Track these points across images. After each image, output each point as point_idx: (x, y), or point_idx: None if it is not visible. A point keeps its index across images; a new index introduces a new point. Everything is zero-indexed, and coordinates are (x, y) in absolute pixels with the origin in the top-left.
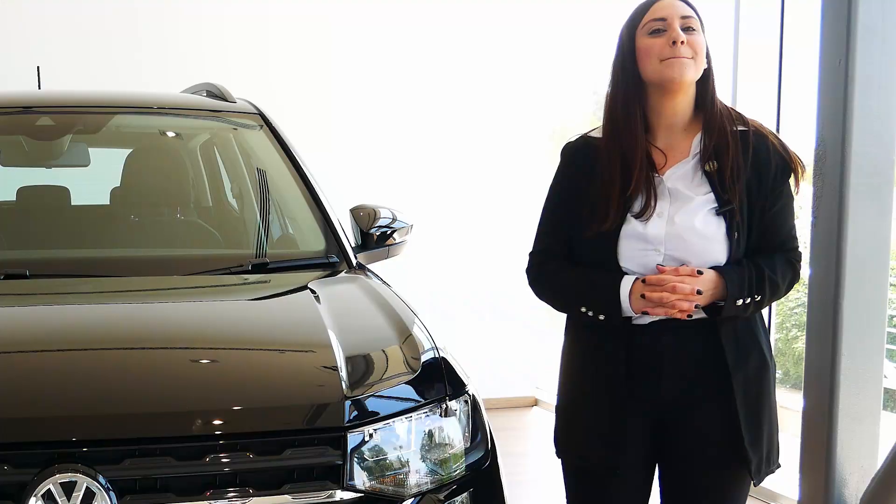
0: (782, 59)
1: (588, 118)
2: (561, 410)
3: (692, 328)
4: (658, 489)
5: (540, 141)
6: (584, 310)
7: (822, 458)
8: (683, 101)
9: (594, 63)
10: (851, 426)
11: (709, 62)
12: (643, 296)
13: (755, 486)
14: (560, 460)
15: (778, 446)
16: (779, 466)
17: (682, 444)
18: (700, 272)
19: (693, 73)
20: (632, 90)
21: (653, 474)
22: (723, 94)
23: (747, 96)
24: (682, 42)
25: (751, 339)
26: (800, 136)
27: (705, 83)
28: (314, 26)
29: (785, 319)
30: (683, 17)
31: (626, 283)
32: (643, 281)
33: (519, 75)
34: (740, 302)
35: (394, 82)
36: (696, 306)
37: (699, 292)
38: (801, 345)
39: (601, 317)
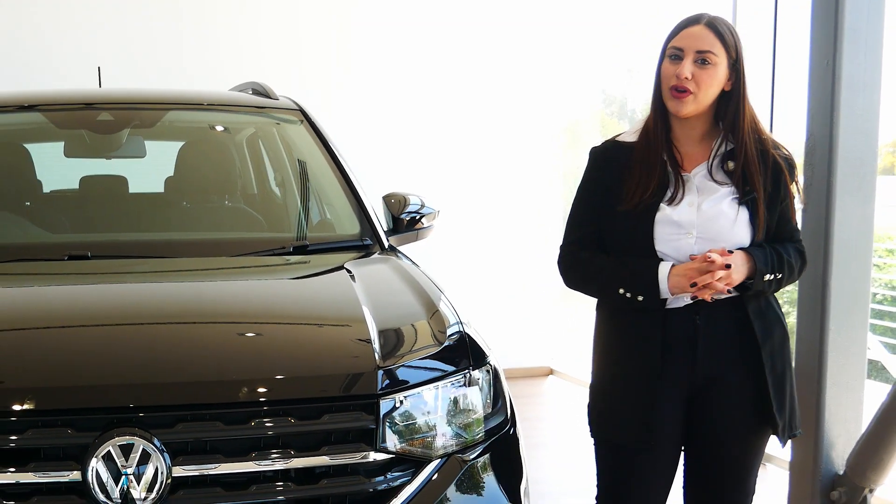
0: (775, 60)
1: (597, 114)
2: (595, 390)
3: (722, 308)
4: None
5: (554, 134)
6: (622, 292)
7: (812, 422)
8: (697, 120)
9: (603, 64)
10: (838, 394)
11: (741, 85)
12: (694, 284)
13: (782, 447)
14: (593, 438)
15: (798, 412)
16: (801, 432)
17: (715, 415)
18: (730, 251)
19: (692, 108)
20: (661, 112)
21: (680, 452)
22: None
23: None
24: (686, 78)
25: (773, 316)
26: (791, 131)
27: (729, 102)
28: (345, 34)
29: (778, 297)
30: (700, 52)
31: (665, 267)
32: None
33: (534, 74)
34: (768, 277)
35: (421, 82)
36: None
37: (728, 266)
38: (792, 319)
39: (640, 298)
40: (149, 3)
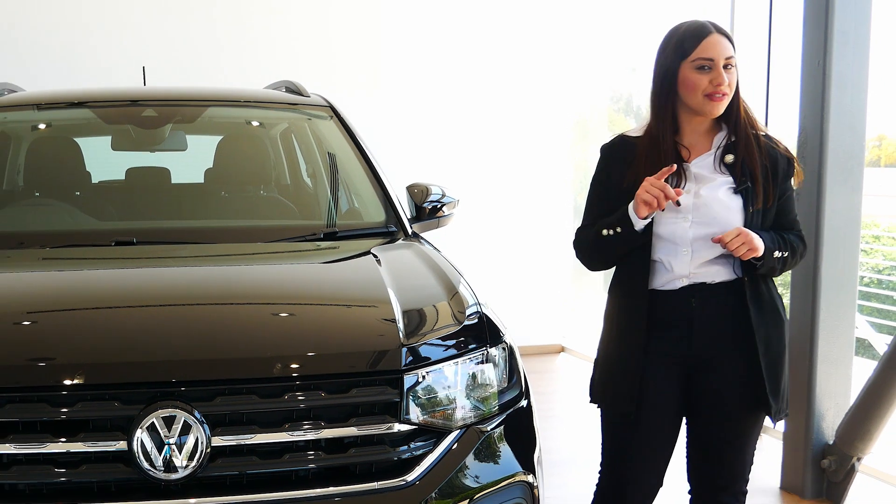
0: (770, 61)
1: (605, 110)
2: (597, 364)
3: (717, 292)
4: (683, 440)
5: (565, 128)
6: (605, 233)
7: (804, 396)
8: (706, 116)
9: (609, 64)
10: (828, 370)
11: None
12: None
13: (773, 427)
14: (598, 408)
15: (789, 393)
16: (787, 414)
17: (711, 392)
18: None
19: (725, 107)
20: (668, 110)
21: (680, 424)
22: None
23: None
24: (729, 85)
25: (770, 300)
26: (785, 126)
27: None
28: (371, 37)
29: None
30: (727, 58)
31: (631, 205)
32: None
33: (547, 74)
34: (777, 254)
35: (442, 82)
36: (736, 270)
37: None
38: (785, 301)
39: (618, 229)
40: (190, 7)
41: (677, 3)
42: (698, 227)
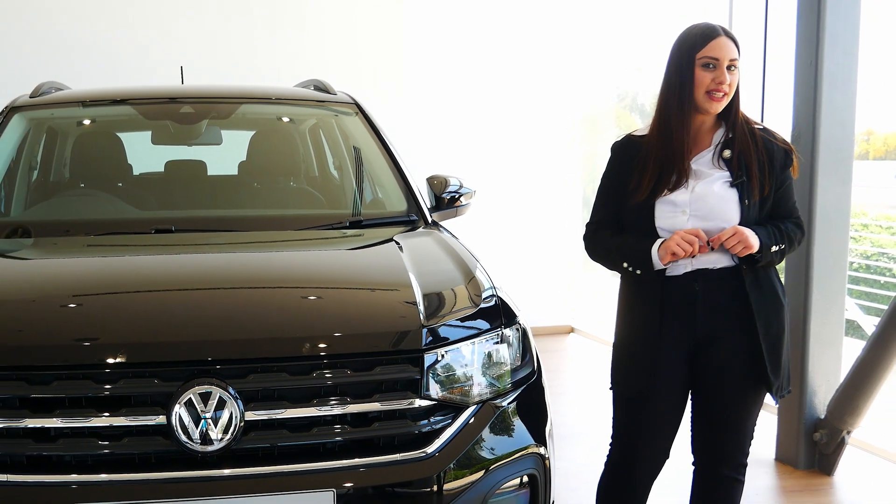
0: (765, 61)
1: (612, 108)
2: (615, 349)
3: (718, 277)
4: (689, 415)
5: (574, 124)
6: (625, 266)
7: (798, 374)
8: (708, 115)
9: (616, 64)
10: (820, 349)
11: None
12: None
13: (775, 404)
14: (611, 389)
15: (790, 372)
16: (790, 391)
17: (714, 371)
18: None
19: (724, 105)
20: (687, 103)
21: (685, 400)
22: None
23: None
24: (730, 84)
25: (769, 285)
26: (779, 121)
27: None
28: (395, 39)
29: None
30: (731, 60)
31: (656, 244)
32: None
33: (558, 74)
34: (774, 248)
35: (461, 82)
36: (734, 258)
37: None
38: None
39: (638, 272)
40: (225, 11)
41: (679, 6)
42: (696, 220)
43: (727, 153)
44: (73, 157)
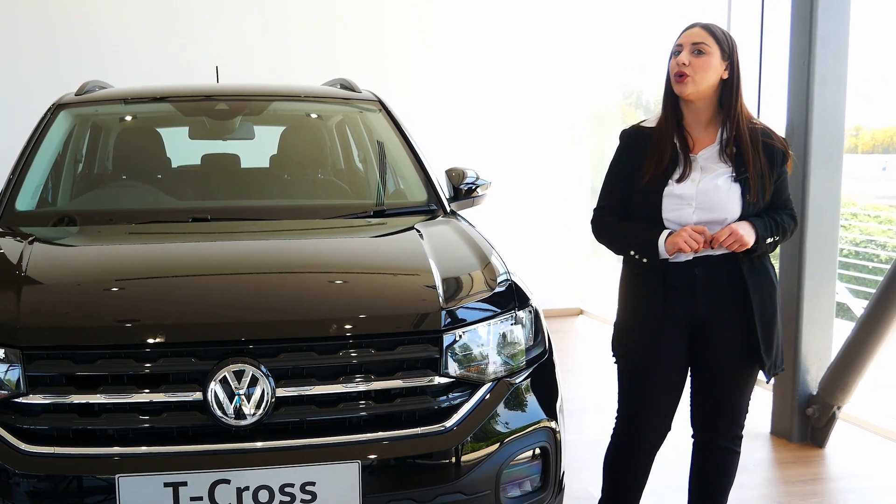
0: (762, 60)
1: (618, 104)
2: (617, 325)
3: (717, 263)
4: (689, 391)
5: (583, 120)
6: (632, 253)
7: (791, 353)
8: (702, 105)
9: (622, 63)
10: (812, 330)
11: (736, 75)
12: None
13: (767, 382)
14: (616, 364)
15: (783, 352)
16: (783, 369)
17: (712, 350)
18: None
19: (691, 88)
20: (669, 91)
21: (685, 376)
22: None
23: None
24: (684, 64)
25: (763, 270)
26: (774, 117)
27: (728, 90)
28: (417, 41)
29: None
30: (694, 44)
31: (662, 236)
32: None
33: (567, 72)
34: (769, 240)
35: (478, 81)
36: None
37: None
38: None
39: (644, 260)
40: (258, 13)
41: (680, 10)
42: (701, 212)
43: (731, 150)
44: (116, 151)
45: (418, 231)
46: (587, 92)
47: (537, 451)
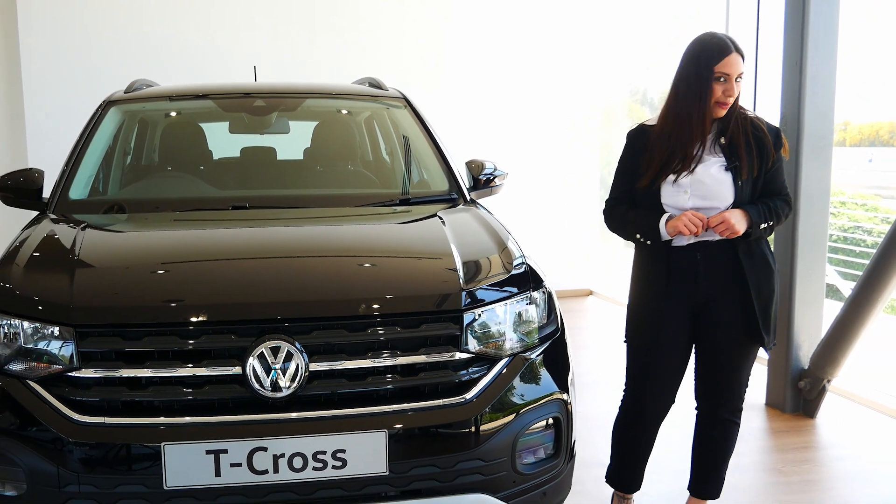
0: (757, 60)
1: (625, 101)
2: (629, 307)
3: (716, 247)
4: (693, 367)
5: (592, 115)
6: (638, 237)
7: (785, 330)
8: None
9: (629, 63)
10: (804, 309)
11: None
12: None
13: (766, 354)
14: (625, 342)
15: (777, 327)
16: (775, 344)
17: (713, 328)
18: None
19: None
20: (704, 102)
21: (689, 353)
22: None
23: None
24: (730, 95)
25: (760, 254)
26: (769, 113)
27: None
28: (438, 42)
29: None
30: (739, 75)
31: (663, 219)
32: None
33: (577, 71)
34: (763, 225)
35: (495, 79)
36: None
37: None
38: None
39: (648, 242)
40: (294, 17)
41: (681, 13)
42: (696, 198)
43: (723, 140)
44: (162, 144)
45: (440, 218)
46: (596, 89)
47: (550, 421)
